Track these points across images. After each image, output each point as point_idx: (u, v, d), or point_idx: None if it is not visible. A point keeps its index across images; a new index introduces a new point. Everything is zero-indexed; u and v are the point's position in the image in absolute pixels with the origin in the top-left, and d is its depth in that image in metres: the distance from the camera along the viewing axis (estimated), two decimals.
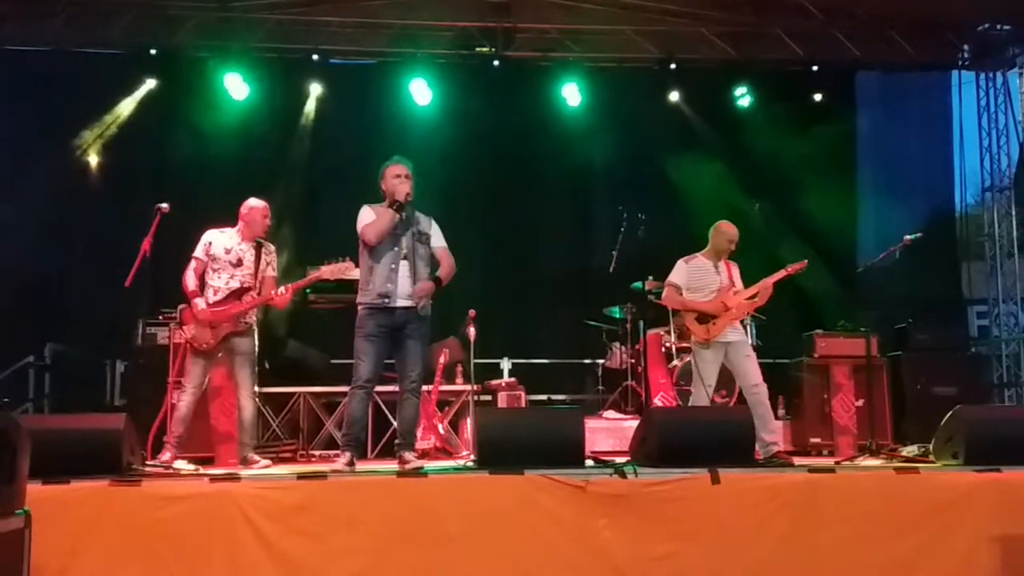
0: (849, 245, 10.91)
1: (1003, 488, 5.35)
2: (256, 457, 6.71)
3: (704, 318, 7.19)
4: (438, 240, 6.40)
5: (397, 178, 6.24)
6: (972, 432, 5.92)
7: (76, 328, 9.78)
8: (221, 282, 6.73)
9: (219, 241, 6.76)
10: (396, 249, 6.19)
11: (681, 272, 7.42)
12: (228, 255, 6.76)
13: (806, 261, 7.40)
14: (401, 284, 6.14)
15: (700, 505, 5.27)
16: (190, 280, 6.65)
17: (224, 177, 10.04)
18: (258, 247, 6.88)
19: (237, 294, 6.70)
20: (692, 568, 5.17)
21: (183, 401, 6.63)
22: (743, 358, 7.13)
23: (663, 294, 7.59)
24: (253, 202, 6.90)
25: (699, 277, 7.32)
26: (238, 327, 6.70)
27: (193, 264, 6.69)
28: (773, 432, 6.93)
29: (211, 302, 6.67)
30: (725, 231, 7.35)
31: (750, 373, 7.07)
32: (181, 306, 6.89)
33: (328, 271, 6.65)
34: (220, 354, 6.77)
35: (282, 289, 6.75)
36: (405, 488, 5.32)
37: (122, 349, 8.88)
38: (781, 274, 7.29)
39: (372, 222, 6.19)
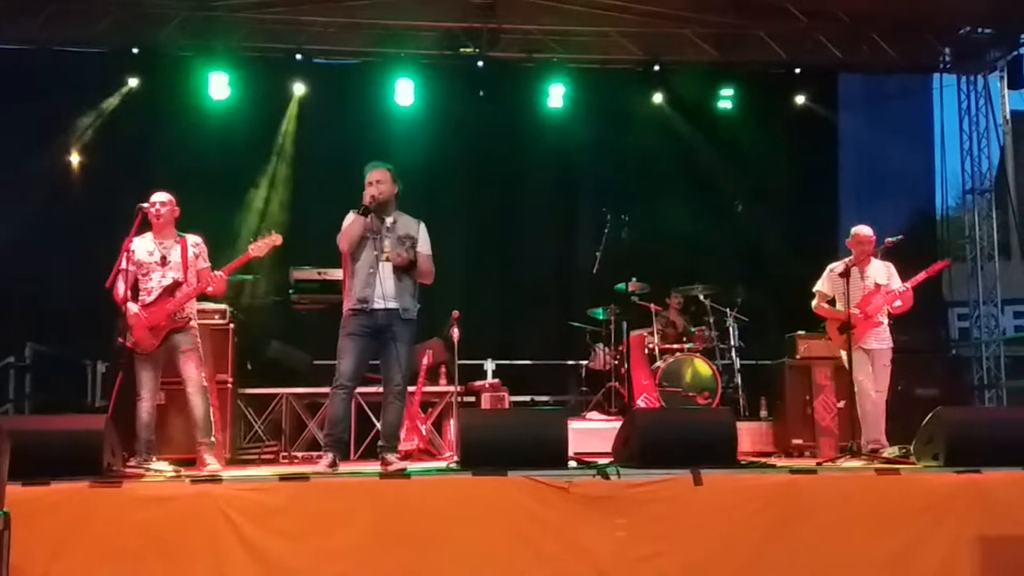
0: (830, 247, 10.91)
1: (983, 489, 5.40)
2: (207, 459, 6.55)
3: (844, 327, 7.27)
4: (424, 246, 6.37)
5: (368, 184, 6.24)
6: (953, 433, 5.95)
7: (57, 329, 9.72)
8: (154, 283, 6.60)
9: (140, 246, 6.62)
10: (376, 253, 6.15)
11: (825, 280, 7.61)
12: (151, 256, 6.63)
13: (949, 260, 7.46)
14: (383, 287, 6.10)
15: (682, 506, 5.30)
16: (119, 289, 6.45)
17: (207, 177, 10.00)
18: (182, 241, 6.73)
19: (169, 290, 6.57)
20: (675, 568, 5.19)
21: (141, 407, 6.54)
22: (881, 367, 7.32)
23: (813, 303, 7.72)
24: (156, 197, 6.70)
25: (842, 284, 7.35)
26: (176, 323, 6.57)
27: (120, 276, 6.46)
28: (879, 432, 7.13)
29: (145, 304, 6.56)
30: (858, 236, 7.46)
31: (877, 381, 7.28)
32: (120, 319, 6.59)
33: (255, 248, 6.63)
34: (164, 354, 6.62)
35: (219, 273, 6.63)
36: (388, 489, 5.32)
37: (103, 350, 8.82)
38: (921, 276, 7.43)
39: (343, 230, 6.20)
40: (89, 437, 5.55)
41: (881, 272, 7.46)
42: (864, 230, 7.47)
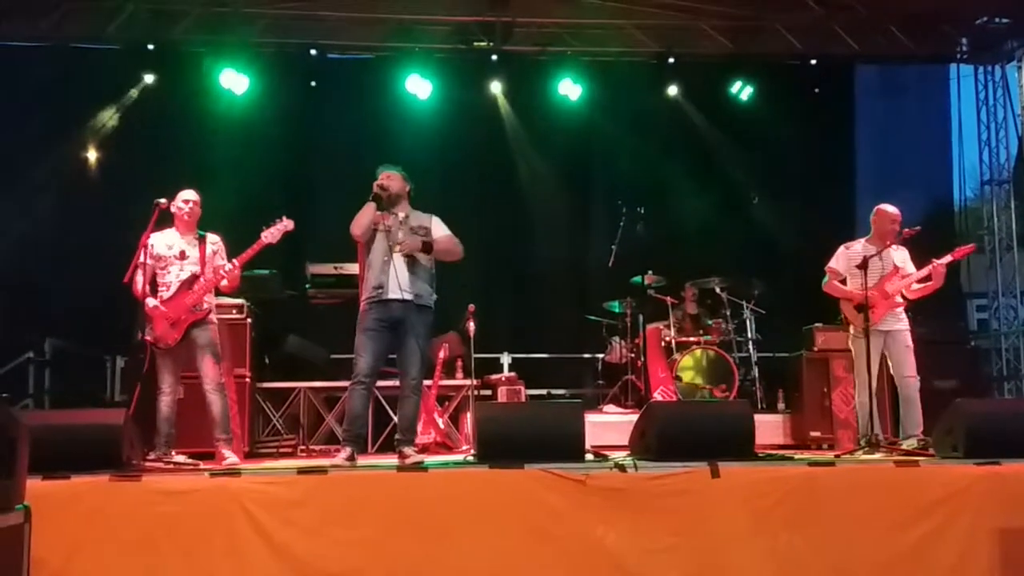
0: (847, 239, 10.83)
1: (1002, 481, 5.36)
2: (226, 453, 6.56)
3: (862, 307, 7.12)
4: (440, 231, 6.42)
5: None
6: (972, 425, 5.91)
7: (76, 324, 9.76)
8: (172, 277, 6.63)
9: (159, 240, 6.65)
10: (390, 243, 6.24)
11: (840, 258, 7.41)
12: (171, 251, 6.67)
13: (974, 245, 7.36)
14: (397, 277, 6.15)
15: (700, 499, 5.28)
16: (138, 283, 6.50)
17: (222, 173, 10.00)
18: (201, 239, 6.77)
19: (188, 283, 6.60)
20: (692, 561, 5.18)
21: (162, 401, 6.56)
22: (902, 348, 7.18)
23: (824, 280, 7.50)
24: (185, 195, 6.74)
25: (860, 263, 7.20)
26: (196, 316, 6.59)
27: (140, 271, 6.51)
28: (917, 425, 7.01)
29: (164, 298, 6.58)
30: (885, 213, 7.31)
31: (904, 365, 7.16)
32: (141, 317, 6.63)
33: (268, 235, 6.64)
34: (184, 349, 6.64)
35: (229, 265, 6.66)
36: (405, 483, 5.33)
37: (122, 344, 8.86)
38: (948, 259, 7.28)
39: (355, 218, 6.27)
40: (109, 431, 5.60)
41: (898, 255, 7.36)
42: (890, 207, 7.32)
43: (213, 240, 6.84)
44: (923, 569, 5.22)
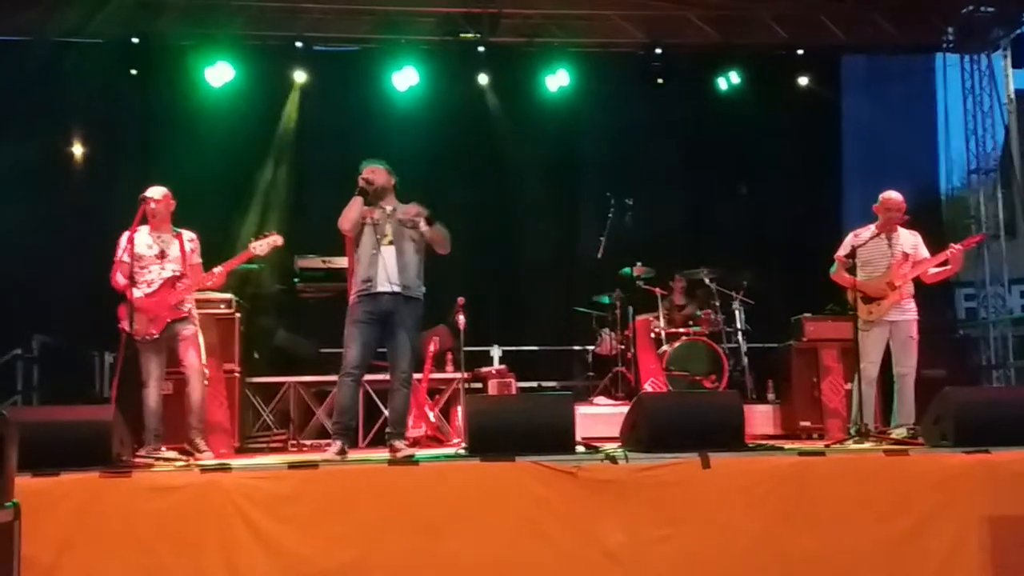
0: (835, 229, 10.89)
1: (992, 469, 5.38)
2: (201, 445, 6.61)
3: (869, 297, 7.11)
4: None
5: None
6: (961, 414, 5.92)
7: (63, 320, 9.71)
8: (153, 275, 6.64)
9: (138, 239, 6.64)
10: (378, 237, 6.23)
11: (849, 246, 7.29)
12: (150, 250, 6.67)
13: (985, 235, 7.28)
14: (386, 269, 6.14)
15: (691, 489, 5.29)
16: (119, 278, 6.52)
17: (208, 166, 9.97)
18: (178, 236, 6.78)
19: (171, 283, 6.63)
20: (683, 552, 5.18)
21: (147, 396, 6.58)
22: (905, 339, 7.16)
23: (832, 269, 7.43)
24: (151, 192, 6.70)
25: (867, 251, 7.16)
26: (177, 315, 6.62)
27: (118, 268, 6.54)
28: (909, 416, 7.03)
29: (147, 294, 6.58)
30: (887, 201, 7.23)
31: (904, 356, 7.15)
32: (120, 305, 6.62)
33: (257, 247, 6.72)
34: (166, 343, 6.67)
35: (217, 269, 6.71)
36: (396, 476, 5.32)
37: (110, 340, 8.82)
38: (960, 247, 7.23)
39: (343, 213, 6.26)
40: (98, 427, 5.57)
41: (908, 241, 7.30)
42: (894, 195, 7.24)
43: (189, 237, 6.87)
44: (914, 557, 5.23)
